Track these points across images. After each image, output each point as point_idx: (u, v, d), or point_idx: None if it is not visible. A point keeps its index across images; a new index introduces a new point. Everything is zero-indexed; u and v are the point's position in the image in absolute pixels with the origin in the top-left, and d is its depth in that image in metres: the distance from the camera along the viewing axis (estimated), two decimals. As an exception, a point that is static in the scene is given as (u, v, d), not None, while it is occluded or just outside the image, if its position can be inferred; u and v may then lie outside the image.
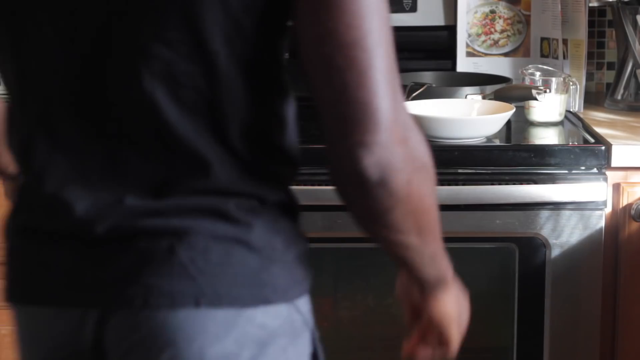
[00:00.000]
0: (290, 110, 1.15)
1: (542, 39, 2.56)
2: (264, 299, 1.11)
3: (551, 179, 2.05)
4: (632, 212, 2.07)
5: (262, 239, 1.11)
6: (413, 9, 2.59)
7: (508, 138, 2.25)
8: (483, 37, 2.59)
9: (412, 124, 1.07)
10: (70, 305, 1.12)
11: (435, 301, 1.23)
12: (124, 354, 1.11)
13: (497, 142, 2.15)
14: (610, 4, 2.50)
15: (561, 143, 2.19)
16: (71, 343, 1.13)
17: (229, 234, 1.10)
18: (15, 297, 1.18)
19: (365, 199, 1.06)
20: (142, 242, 1.09)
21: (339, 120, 1.04)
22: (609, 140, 2.10)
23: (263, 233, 1.12)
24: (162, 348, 1.09)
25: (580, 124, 2.32)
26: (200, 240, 1.09)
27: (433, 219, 1.13)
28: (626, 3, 2.43)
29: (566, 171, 2.06)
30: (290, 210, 1.17)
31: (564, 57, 2.46)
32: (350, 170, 1.05)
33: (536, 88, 2.23)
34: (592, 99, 2.55)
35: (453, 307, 1.25)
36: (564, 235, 2.07)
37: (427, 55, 2.61)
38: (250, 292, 1.10)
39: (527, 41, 2.58)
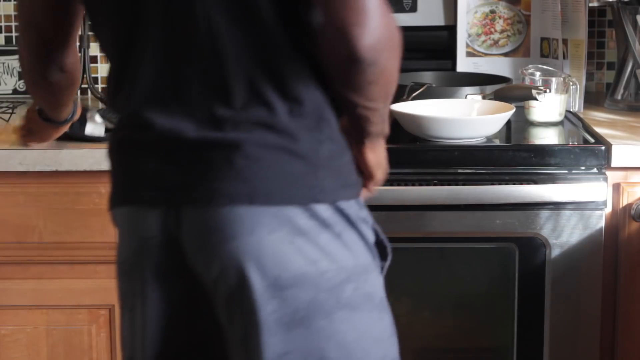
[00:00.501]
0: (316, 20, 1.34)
1: (542, 39, 2.56)
2: (312, 198, 1.32)
3: (551, 179, 2.05)
4: (632, 212, 2.07)
5: (307, 148, 1.33)
6: (413, 9, 2.59)
7: (508, 138, 2.25)
8: (483, 37, 2.60)
9: (389, 12, 1.29)
10: (154, 204, 1.37)
11: (371, 149, 1.46)
12: (196, 245, 1.34)
13: (497, 142, 2.15)
14: (610, 4, 2.50)
15: (561, 143, 2.19)
16: (162, 233, 1.37)
17: (278, 144, 1.32)
18: (115, 202, 1.43)
19: (356, 74, 1.29)
20: (206, 153, 1.32)
21: (338, 9, 1.25)
22: (609, 140, 2.11)
23: (308, 142, 1.33)
24: (226, 239, 1.31)
25: (580, 124, 2.32)
26: (253, 150, 1.31)
27: (395, 87, 1.38)
28: (626, 3, 2.43)
29: (566, 171, 2.06)
30: (336, 123, 1.37)
31: (564, 57, 2.46)
32: (348, 52, 1.26)
33: (536, 88, 2.23)
34: (592, 99, 2.55)
35: (382, 153, 1.49)
36: (564, 235, 2.07)
37: (427, 55, 2.61)
38: (299, 191, 1.32)
39: (527, 41, 2.58)
